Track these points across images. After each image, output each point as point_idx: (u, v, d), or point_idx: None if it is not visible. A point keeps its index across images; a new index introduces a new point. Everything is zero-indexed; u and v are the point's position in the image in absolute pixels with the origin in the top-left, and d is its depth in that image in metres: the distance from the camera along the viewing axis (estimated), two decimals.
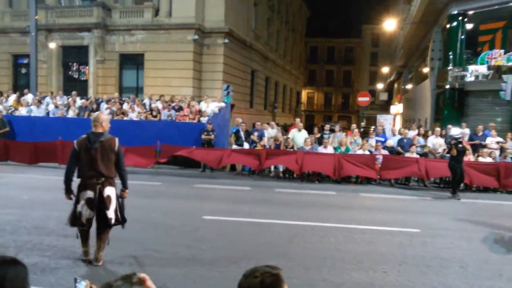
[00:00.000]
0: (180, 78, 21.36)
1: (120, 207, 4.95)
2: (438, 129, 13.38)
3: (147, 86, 21.73)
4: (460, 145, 10.50)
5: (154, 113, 14.78)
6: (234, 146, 13.54)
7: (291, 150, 12.76)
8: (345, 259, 5.34)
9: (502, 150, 12.51)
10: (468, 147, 11.16)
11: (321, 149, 12.81)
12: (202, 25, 21.98)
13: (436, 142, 12.73)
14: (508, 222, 7.99)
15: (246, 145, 13.56)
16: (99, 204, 4.71)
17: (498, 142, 12.66)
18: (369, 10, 54.71)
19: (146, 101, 16.46)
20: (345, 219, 7.53)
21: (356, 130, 14.02)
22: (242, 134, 13.73)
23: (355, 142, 13.25)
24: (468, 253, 5.81)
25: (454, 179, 10.69)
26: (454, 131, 11.60)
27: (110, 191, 4.79)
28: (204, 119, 14.18)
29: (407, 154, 12.50)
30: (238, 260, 5.13)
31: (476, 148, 12.51)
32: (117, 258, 5.02)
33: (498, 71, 16.40)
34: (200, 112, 14.69)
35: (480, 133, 13.14)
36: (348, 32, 58.50)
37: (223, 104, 15.90)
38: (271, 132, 14.05)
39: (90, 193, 4.69)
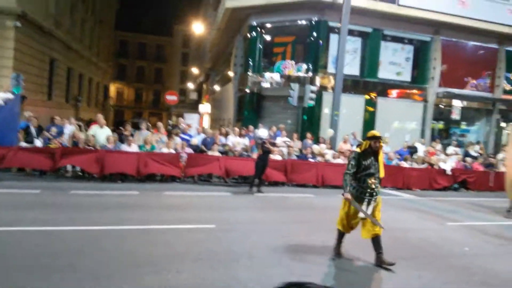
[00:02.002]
0: None
1: None
2: (237, 129, 14.40)
3: None
4: (265, 145, 11.54)
5: None
6: (24, 144, 11.90)
7: (92, 148, 11.94)
8: (140, 263, 5.19)
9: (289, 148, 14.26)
10: (272, 147, 12.26)
11: (125, 147, 12.34)
12: None
13: (235, 141, 13.68)
14: (290, 211, 9.12)
15: (38, 143, 12.08)
16: None
17: (285, 142, 14.39)
18: (180, 11, 55.49)
19: None
20: (145, 220, 7.38)
21: (162, 128, 13.98)
22: (33, 130, 12.17)
23: (161, 140, 13.21)
24: (256, 245, 6.34)
25: (255, 175, 11.65)
26: (262, 132, 12.60)
27: None
28: None
29: (210, 152, 13.10)
30: (12, 280, 4.44)
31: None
32: None
33: (289, 79, 18.65)
34: None
35: (272, 134, 14.68)
36: (160, 30, 58.48)
37: (10, 96, 13.76)
38: (69, 128, 12.86)
39: None
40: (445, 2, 18.95)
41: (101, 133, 12.58)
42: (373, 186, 5.61)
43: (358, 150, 5.79)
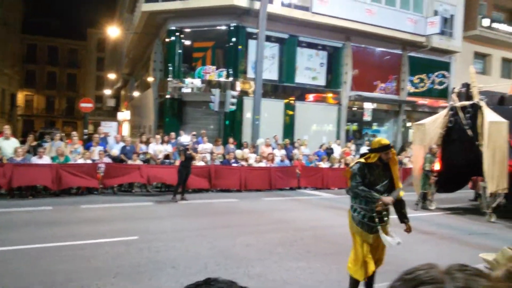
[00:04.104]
0: None
1: None
2: (158, 136, 14.09)
3: None
4: (188, 152, 11.37)
5: None
6: None
7: None
8: (56, 282, 4.90)
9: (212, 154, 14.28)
10: (194, 154, 12.13)
11: (36, 160, 11.51)
12: None
13: (156, 149, 13.38)
14: (214, 217, 9.13)
15: None
16: None
17: (204, 149, 14.38)
18: (94, 14, 53.23)
19: None
20: (61, 236, 6.95)
21: (77, 138, 13.25)
22: None
23: (76, 151, 12.52)
24: (181, 253, 6.28)
25: (179, 183, 11.45)
26: (184, 138, 12.41)
27: None
28: None
29: (130, 161, 12.68)
30: None
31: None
32: None
33: (210, 85, 18.66)
34: None
35: (194, 140, 14.59)
36: (72, 34, 55.27)
37: None
38: None
39: None
40: (354, 10, 20.18)
41: (8, 145, 11.61)
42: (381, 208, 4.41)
43: (362, 160, 4.50)
